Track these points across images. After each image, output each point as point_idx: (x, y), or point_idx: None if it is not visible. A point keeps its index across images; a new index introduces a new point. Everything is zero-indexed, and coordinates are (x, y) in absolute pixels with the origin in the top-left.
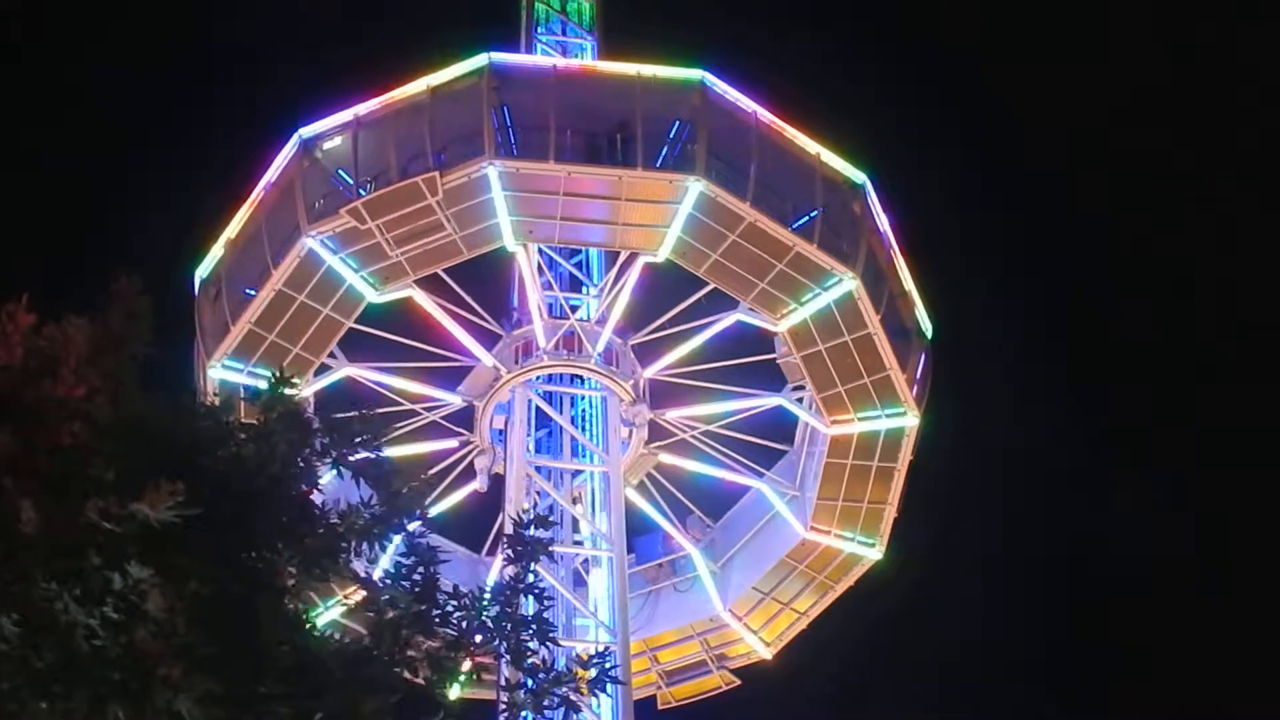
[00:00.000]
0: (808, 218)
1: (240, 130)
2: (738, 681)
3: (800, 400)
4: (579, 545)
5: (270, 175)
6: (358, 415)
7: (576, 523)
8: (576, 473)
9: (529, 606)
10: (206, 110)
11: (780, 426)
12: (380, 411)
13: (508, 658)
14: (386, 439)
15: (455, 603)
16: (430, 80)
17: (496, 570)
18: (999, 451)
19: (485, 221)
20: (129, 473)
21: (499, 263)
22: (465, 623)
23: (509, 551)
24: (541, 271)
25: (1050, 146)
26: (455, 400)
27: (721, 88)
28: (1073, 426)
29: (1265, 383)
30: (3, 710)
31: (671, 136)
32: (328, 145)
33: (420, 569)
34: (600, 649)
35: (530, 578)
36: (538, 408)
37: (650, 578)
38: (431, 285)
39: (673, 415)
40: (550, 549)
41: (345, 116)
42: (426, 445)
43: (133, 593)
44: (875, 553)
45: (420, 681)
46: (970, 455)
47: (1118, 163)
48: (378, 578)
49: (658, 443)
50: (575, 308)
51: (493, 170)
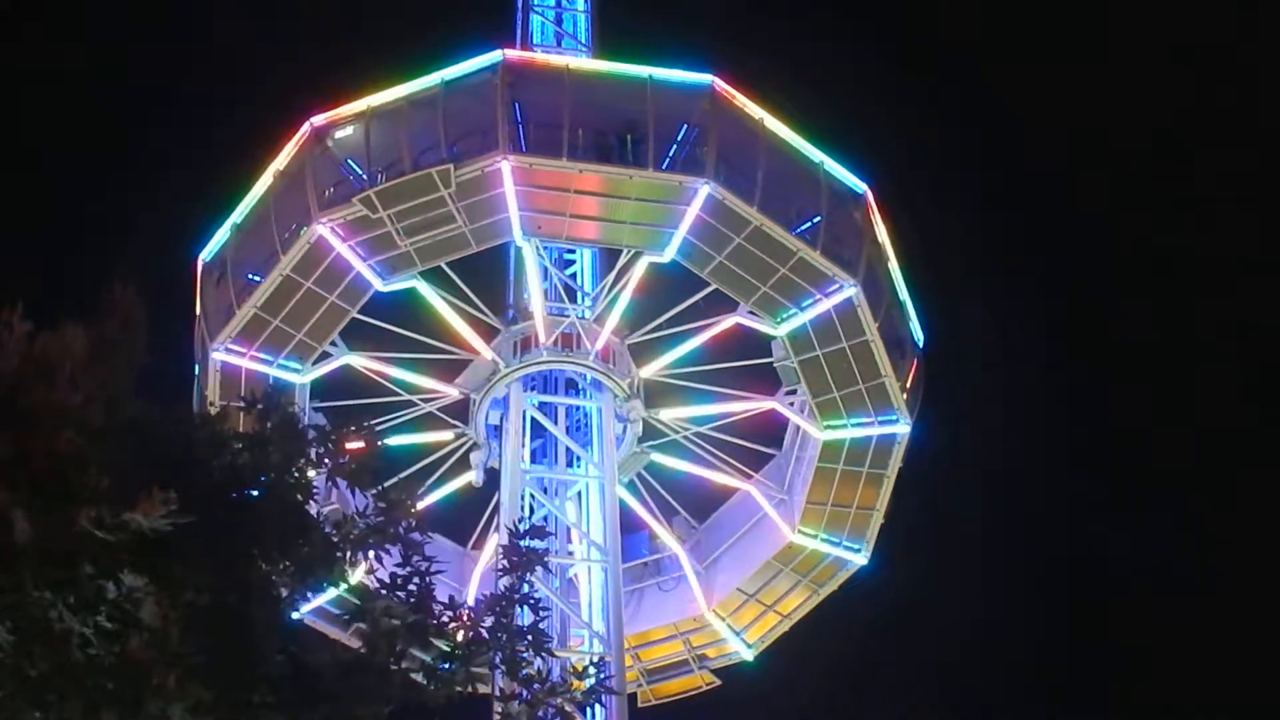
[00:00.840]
0: (810, 223)
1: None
2: (718, 682)
3: (792, 404)
4: (573, 555)
5: (279, 162)
6: (355, 428)
7: (570, 530)
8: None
9: (524, 617)
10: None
11: (768, 430)
12: (377, 401)
13: (503, 668)
14: (382, 428)
15: (450, 613)
16: (444, 74)
17: (483, 564)
18: (989, 460)
19: (495, 216)
20: (123, 481)
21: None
22: (460, 633)
23: (504, 562)
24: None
25: (1050, 146)
26: (452, 392)
27: (730, 93)
28: (1067, 433)
29: (1266, 382)
30: None
31: (679, 139)
32: (339, 135)
33: (415, 579)
34: (595, 659)
35: (525, 588)
36: (533, 418)
37: (635, 576)
38: (430, 278)
39: (666, 415)
40: (545, 560)
41: (358, 106)
42: (422, 436)
43: (127, 601)
44: (861, 558)
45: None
46: (960, 463)
47: (1118, 163)
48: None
49: (650, 442)
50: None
51: (506, 165)
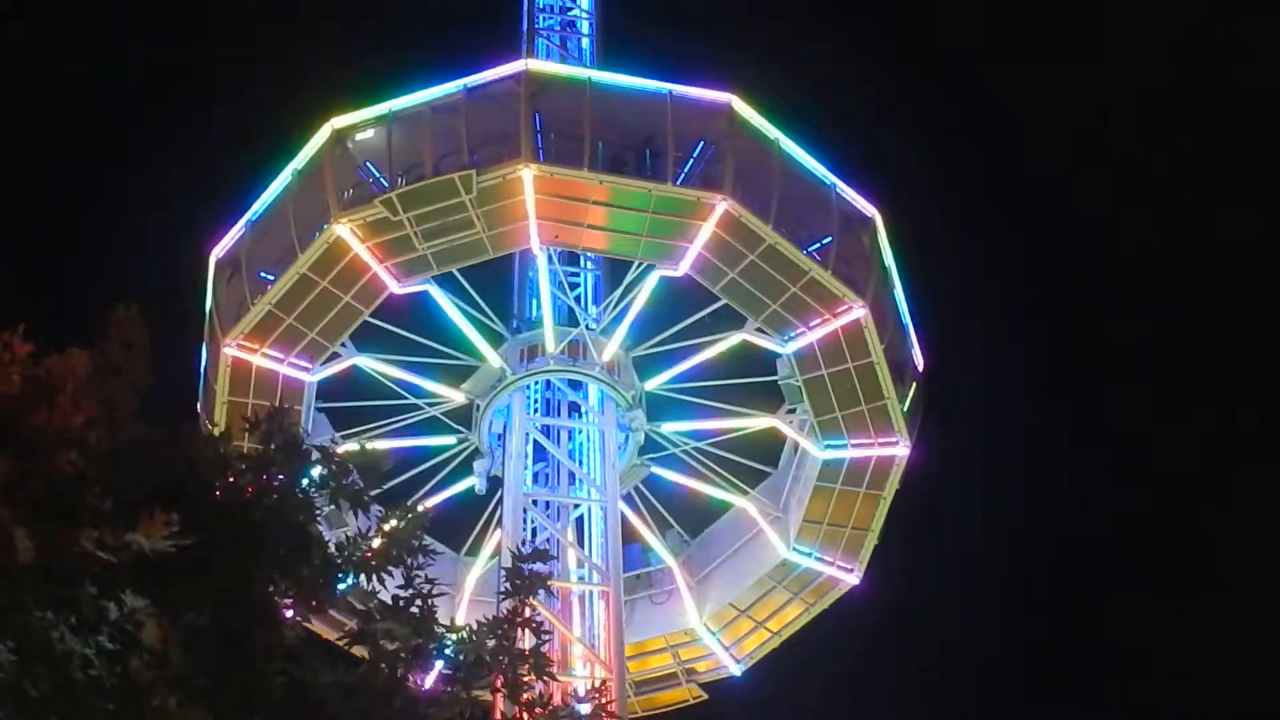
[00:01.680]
0: (819, 244)
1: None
2: (705, 696)
3: (792, 423)
4: (579, 580)
5: (298, 162)
6: (359, 450)
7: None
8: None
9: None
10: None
11: (764, 448)
12: (382, 403)
13: (504, 692)
14: (386, 430)
15: (453, 636)
16: (466, 81)
17: (477, 571)
18: (982, 481)
19: (514, 223)
20: (125, 502)
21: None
22: (462, 656)
23: (507, 585)
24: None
25: (1050, 146)
26: (458, 397)
27: (747, 111)
28: (1065, 453)
29: (1266, 383)
30: None
31: (695, 155)
32: (359, 137)
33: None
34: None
35: (527, 611)
36: (536, 440)
37: (627, 587)
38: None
39: (667, 429)
40: (549, 584)
41: (379, 109)
42: (424, 440)
43: (128, 622)
44: (853, 578)
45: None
46: (954, 485)
47: (1118, 163)
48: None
49: (648, 455)
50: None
51: (528, 173)
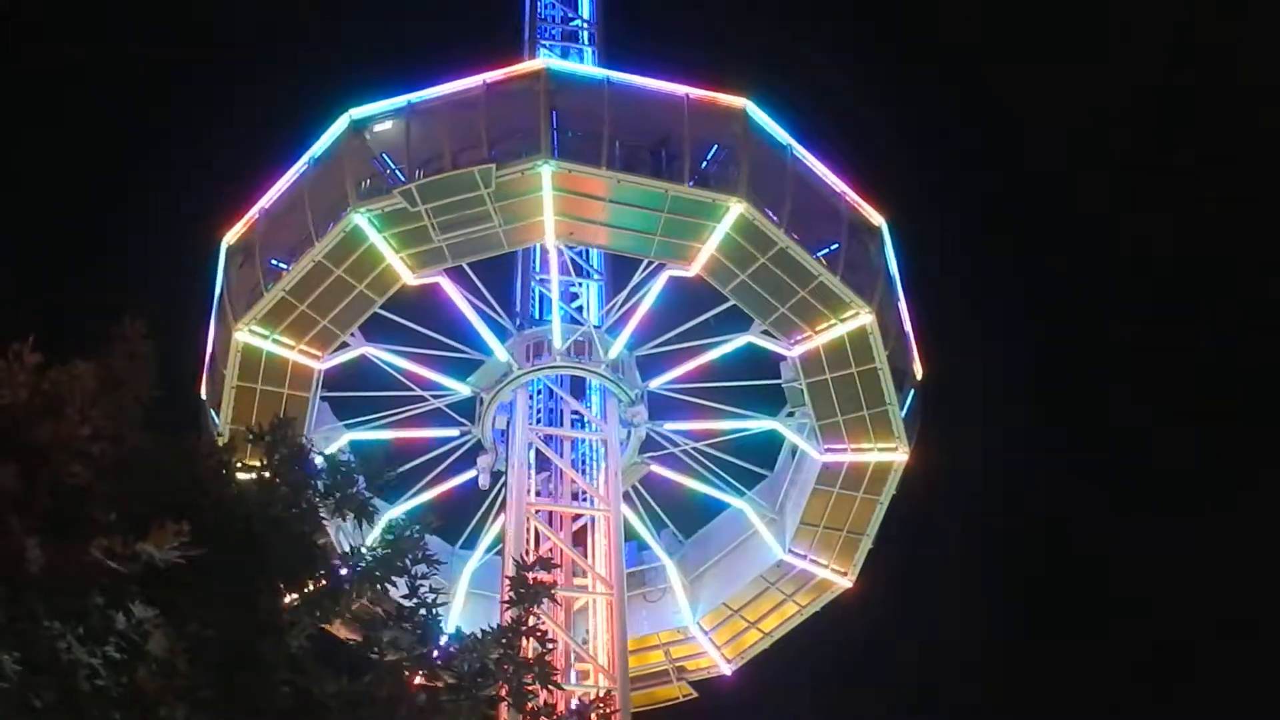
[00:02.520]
0: (827, 250)
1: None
2: (695, 694)
3: (791, 426)
4: (583, 589)
5: (315, 150)
6: (361, 462)
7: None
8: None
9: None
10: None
11: (761, 450)
12: (386, 394)
13: (509, 700)
14: (390, 421)
15: (457, 645)
16: (485, 76)
17: (473, 566)
18: (977, 489)
19: (530, 218)
20: (131, 513)
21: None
22: (467, 665)
23: (511, 594)
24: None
25: (1050, 146)
26: (463, 390)
27: (762, 117)
28: (1064, 456)
29: (1267, 384)
30: None
31: (709, 158)
32: (378, 128)
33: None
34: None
35: (531, 620)
36: (540, 448)
37: None
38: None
39: (668, 428)
40: (553, 593)
41: (398, 102)
42: (426, 432)
43: (135, 633)
44: (847, 581)
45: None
46: (949, 493)
47: (1118, 163)
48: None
49: (647, 454)
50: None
51: (547, 169)
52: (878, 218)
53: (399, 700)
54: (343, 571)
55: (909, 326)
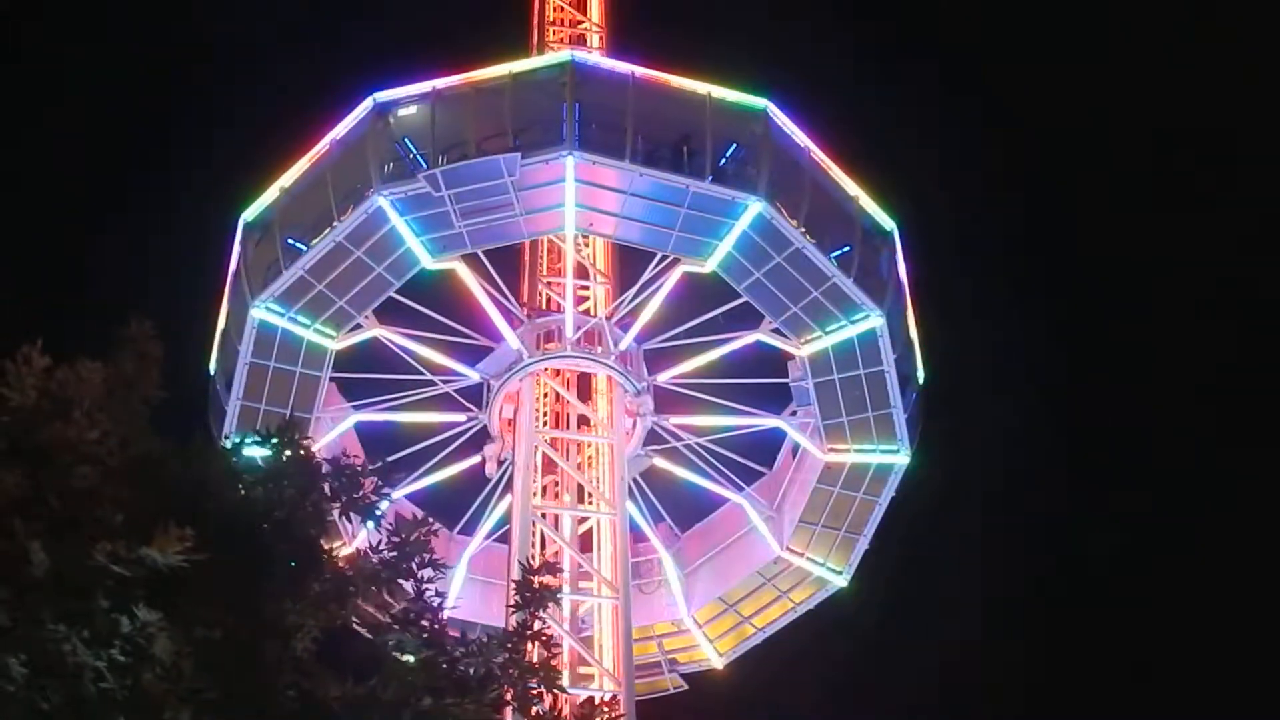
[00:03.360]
0: (839, 252)
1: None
2: (685, 686)
3: (795, 425)
4: (585, 592)
5: (338, 131)
6: (366, 464)
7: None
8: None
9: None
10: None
11: (760, 447)
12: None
13: (514, 705)
14: (397, 404)
15: (463, 648)
16: (511, 66)
17: (471, 551)
18: (977, 491)
19: (550, 208)
20: (138, 516)
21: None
22: (472, 669)
23: (516, 598)
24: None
25: (1051, 147)
26: (472, 375)
27: (781, 119)
28: (1063, 460)
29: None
30: None
31: (728, 156)
32: (401, 112)
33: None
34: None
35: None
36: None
37: None
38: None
39: (672, 422)
40: (558, 597)
41: (423, 87)
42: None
43: (140, 636)
44: (842, 580)
45: None
46: (948, 496)
47: (1117, 163)
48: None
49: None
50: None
51: (571, 160)
52: (889, 222)
53: (404, 704)
54: (348, 574)
55: (914, 331)
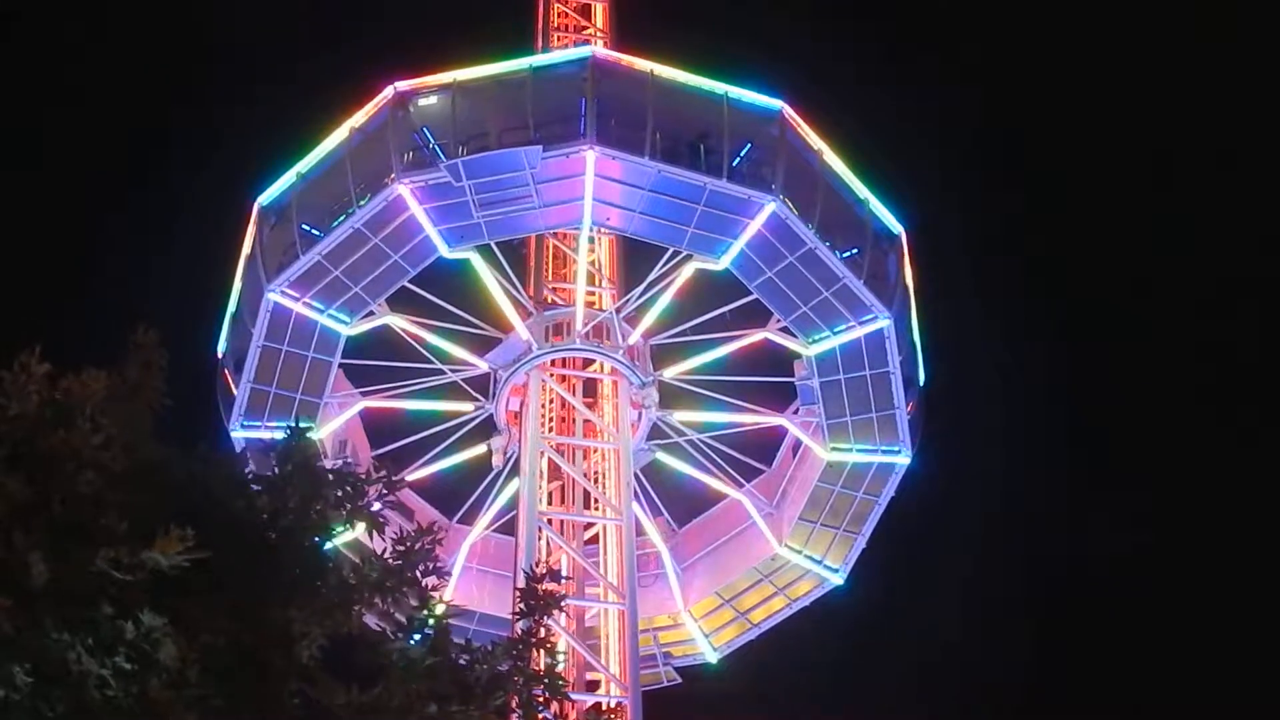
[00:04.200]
0: (848, 254)
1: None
2: (679, 680)
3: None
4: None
5: (356, 119)
6: (369, 469)
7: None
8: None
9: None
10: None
11: (761, 444)
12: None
13: (519, 712)
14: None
15: (467, 655)
16: (532, 60)
17: (470, 541)
18: (973, 494)
19: (568, 201)
20: (141, 523)
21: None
22: (477, 676)
23: (521, 605)
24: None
25: (1050, 146)
26: (481, 365)
27: (796, 120)
28: (1063, 462)
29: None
30: None
31: (743, 155)
32: (422, 102)
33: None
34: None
35: (542, 631)
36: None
37: None
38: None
39: (677, 418)
40: (563, 604)
41: (444, 78)
42: (438, 404)
43: (145, 642)
44: (838, 578)
45: None
46: (945, 497)
47: (1118, 163)
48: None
49: (653, 441)
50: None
51: (591, 154)
52: (897, 226)
53: (409, 711)
54: (353, 582)
55: (917, 334)
